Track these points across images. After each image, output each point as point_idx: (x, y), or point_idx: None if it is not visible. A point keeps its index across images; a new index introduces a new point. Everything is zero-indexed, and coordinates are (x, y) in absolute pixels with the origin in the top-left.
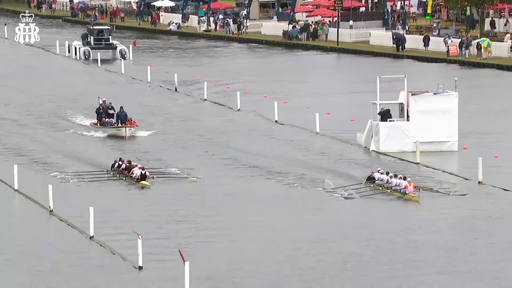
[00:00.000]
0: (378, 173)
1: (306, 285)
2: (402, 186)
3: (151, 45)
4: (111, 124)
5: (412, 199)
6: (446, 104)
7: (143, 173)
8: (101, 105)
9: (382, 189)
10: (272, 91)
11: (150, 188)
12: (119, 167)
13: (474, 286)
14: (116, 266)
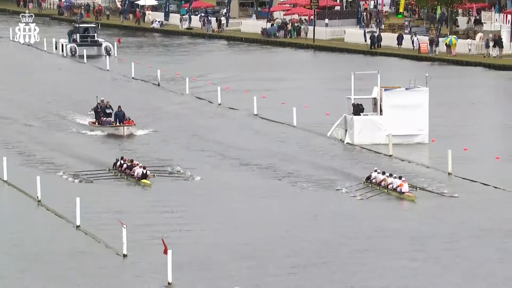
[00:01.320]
0: (375, 173)
1: (283, 270)
2: (397, 184)
3: (135, 42)
4: (110, 123)
5: (409, 198)
6: (417, 99)
7: (144, 172)
8: (99, 104)
9: (380, 189)
10: (252, 86)
11: (151, 187)
12: (121, 166)
13: (445, 273)
14: (101, 254)
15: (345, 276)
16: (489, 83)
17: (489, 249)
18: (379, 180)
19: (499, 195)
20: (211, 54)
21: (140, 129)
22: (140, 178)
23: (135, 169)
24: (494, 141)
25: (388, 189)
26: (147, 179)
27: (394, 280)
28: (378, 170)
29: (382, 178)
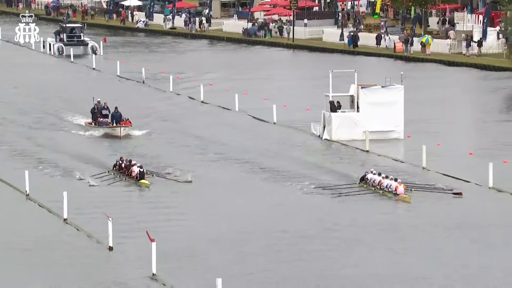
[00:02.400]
0: (370, 174)
1: (264, 261)
2: (393, 187)
3: (120, 41)
4: (106, 124)
5: (404, 200)
6: (393, 96)
7: (142, 171)
8: (96, 105)
9: (374, 190)
10: (233, 84)
11: (149, 187)
12: (119, 166)
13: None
14: (87, 246)
15: (323, 266)
16: (463, 81)
17: (463, 240)
18: (374, 181)
19: (473, 189)
20: (194, 53)
21: (137, 130)
22: (138, 177)
23: (133, 168)
24: (468, 137)
25: (383, 191)
26: (145, 179)
27: (369, 268)
28: (374, 171)
29: (378, 179)
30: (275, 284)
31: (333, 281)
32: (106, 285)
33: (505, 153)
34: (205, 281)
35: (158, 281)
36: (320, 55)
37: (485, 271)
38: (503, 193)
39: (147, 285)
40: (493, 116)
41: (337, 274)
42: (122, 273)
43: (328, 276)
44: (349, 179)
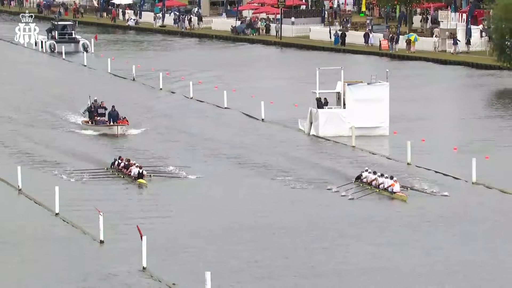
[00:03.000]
0: (366, 172)
1: (252, 255)
2: (389, 184)
3: (111, 39)
4: (104, 122)
5: (400, 198)
6: (378, 93)
7: (141, 172)
8: (93, 104)
9: (371, 189)
10: (222, 81)
11: (147, 186)
12: (118, 165)
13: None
14: (79, 240)
15: (311, 259)
16: (447, 78)
17: (446, 234)
18: (370, 180)
19: (456, 184)
20: (184, 51)
21: (133, 128)
22: (137, 177)
23: (132, 169)
24: (451, 133)
25: (379, 189)
26: (143, 179)
27: (354, 261)
28: (369, 170)
29: (373, 177)
30: (264, 277)
31: (321, 274)
32: (97, 278)
33: (488, 149)
34: (194, 275)
35: (148, 274)
36: (307, 53)
37: (468, 264)
38: (486, 188)
39: (137, 278)
40: (476, 113)
41: (324, 268)
42: (112, 267)
43: (317, 270)
44: (335, 173)
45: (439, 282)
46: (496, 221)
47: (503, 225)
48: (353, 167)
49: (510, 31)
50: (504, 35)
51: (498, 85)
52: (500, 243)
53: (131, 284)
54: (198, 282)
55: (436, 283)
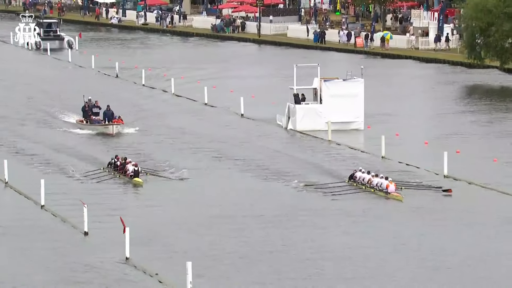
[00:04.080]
0: (359, 172)
1: (233, 245)
2: (384, 185)
3: (95, 36)
4: (99, 122)
5: (396, 198)
6: (353, 89)
7: (136, 170)
8: (87, 103)
9: (365, 188)
10: (203, 77)
11: (142, 186)
12: (115, 164)
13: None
14: (64, 232)
15: (285, 248)
16: (420, 74)
17: (418, 224)
18: (363, 180)
19: (429, 177)
20: (166, 48)
21: (128, 128)
22: (133, 176)
23: (127, 167)
24: (424, 128)
25: (374, 189)
26: (139, 177)
27: (331, 249)
28: (362, 170)
29: (368, 178)
30: (244, 267)
31: (301, 261)
32: (81, 269)
33: (459, 143)
34: (176, 265)
35: (131, 264)
36: (284, 50)
37: (444, 254)
38: (457, 181)
39: (121, 268)
40: (448, 108)
41: (303, 255)
42: (96, 257)
43: (296, 257)
44: (313, 166)
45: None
46: (463, 211)
47: (471, 215)
48: (329, 161)
49: (480, 30)
50: (474, 33)
51: (468, 82)
52: (470, 232)
53: (114, 274)
54: (180, 272)
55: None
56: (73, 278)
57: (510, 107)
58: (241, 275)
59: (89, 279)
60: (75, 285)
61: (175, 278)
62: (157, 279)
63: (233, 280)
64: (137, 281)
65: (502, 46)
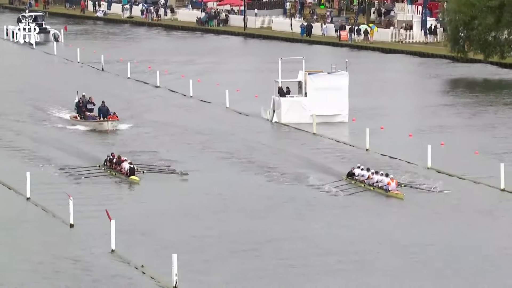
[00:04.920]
0: (358, 169)
1: (217, 236)
2: (385, 182)
3: (80, 29)
4: (93, 118)
5: (396, 196)
6: (338, 82)
7: (132, 168)
8: (81, 99)
9: (364, 186)
10: (188, 70)
11: (139, 183)
12: (110, 161)
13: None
14: (49, 224)
15: (271, 238)
16: (404, 67)
17: (401, 216)
18: (363, 178)
19: (412, 169)
20: (151, 41)
21: (124, 124)
22: (128, 174)
23: (123, 165)
24: (408, 120)
25: (374, 187)
26: (135, 175)
27: (310, 244)
28: (361, 167)
29: (367, 175)
30: (229, 259)
31: (286, 254)
32: (66, 261)
33: (442, 136)
34: (161, 257)
35: (117, 256)
36: (269, 43)
37: (423, 245)
38: (440, 173)
39: (107, 260)
40: (432, 101)
41: (285, 246)
42: (82, 249)
43: (279, 248)
44: (298, 158)
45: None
46: (443, 202)
47: (452, 207)
48: (313, 153)
49: (464, 23)
50: (457, 27)
51: (452, 75)
52: (449, 224)
53: (99, 266)
54: (165, 264)
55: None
56: (58, 270)
57: (493, 100)
58: (226, 267)
59: (75, 271)
60: (60, 276)
61: (160, 270)
62: (142, 271)
63: (218, 272)
64: (123, 273)
65: (485, 40)
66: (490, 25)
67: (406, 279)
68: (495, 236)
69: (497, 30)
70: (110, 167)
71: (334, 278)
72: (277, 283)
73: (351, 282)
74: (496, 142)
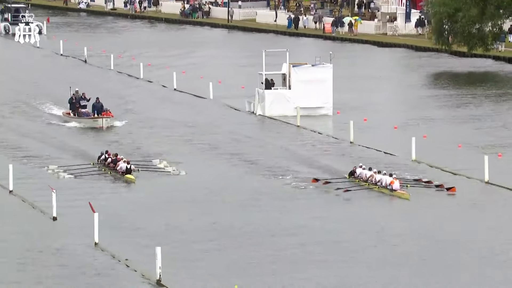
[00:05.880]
0: (360, 169)
1: (201, 229)
2: (388, 182)
3: (63, 21)
4: (88, 115)
5: (402, 196)
6: (322, 74)
7: (129, 167)
8: (74, 95)
9: (368, 185)
10: (172, 62)
11: (135, 182)
12: (105, 160)
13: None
14: (32, 217)
15: (255, 231)
16: (388, 59)
17: (386, 208)
18: (365, 177)
19: (397, 162)
20: (134, 33)
21: (119, 121)
22: (124, 173)
23: (119, 164)
24: (392, 112)
25: (378, 187)
26: (131, 174)
27: (294, 235)
28: (363, 166)
29: (370, 174)
30: (213, 251)
31: (270, 246)
32: (50, 254)
33: (427, 128)
34: (145, 250)
35: (100, 249)
36: (253, 35)
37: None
38: (422, 163)
39: (90, 253)
40: (416, 93)
41: (273, 241)
42: (65, 242)
43: (266, 242)
44: (282, 151)
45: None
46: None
47: (436, 199)
48: (297, 146)
49: (448, 16)
50: (442, 19)
51: (436, 67)
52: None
53: (83, 259)
54: (149, 257)
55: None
56: (41, 263)
57: (476, 92)
58: (210, 259)
59: (58, 263)
60: (44, 269)
61: (144, 263)
62: (126, 264)
63: (202, 264)
64: (106, 266)
65: (469, 32)
66: (474, 18)
67: (386, 269)
68: (479, 229)
69: (481, 22)
70: (106, 166)
71: (320, 270)
72: (261, 275)
73: (337, 273)
74: (480, 135)
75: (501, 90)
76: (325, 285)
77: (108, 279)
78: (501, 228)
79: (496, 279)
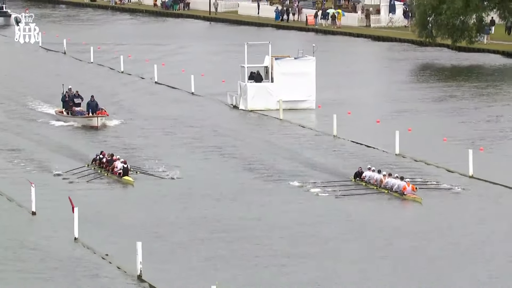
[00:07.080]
0: (369, 171)
1: (181, 222)
2: (400, 187)
3: (41, 13)
4: (82, 113)
5: (414, 200)
6: (305, 67)
7: (125, 167)
8: (67, 93)
9: (377, 189)
10: (152, 55)
11: (133, 185)
12: (100, 160)
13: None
14: (11, 212)
15: (238, 227)
16: (372, 52)
17: (371, 204)
18: (374, 180)
19: (381, 156)
20: (114, 25)
21: (114, 119)
22: (122, 174)
23: (116, 164)
24: (375, 106)
25: (388, 191)
26: (128, 175)
27: (277, 230)
28: (372, 168)
29: (379, 177)
30: (194, 246)
31: (252, 241)
32: (29, 249)
33: (410, 121)
34: (126, 245)
35: (80, 244)
36: (235, 27)
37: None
38: (406, 157)
39: (69, 248)
40: (399, 86)
41: (255, 235)
42: (45, 237)
43: (247, 237)
44: (264, 144)
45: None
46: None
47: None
48: (280, 139)
49: (432, 8)
50: (426, 11)
51: (419, 60)
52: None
53: (62, 254)
54: (130, 252)
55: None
56: (20, 257)
57: (460, 85)
58: (191, 254)
59: (37, 258)
60: (23, 264)
61: (125, 258)
62: (107, 260)
63: (183, 259)
64: (86, 261)
65: (453, 24)
66: (458, 10)
67: (370, 265)
68: (462, 223)
69: (465, 14)
70: (101, 167)
71: (304, 265)
72: (243, 270)
73: (318, 267)
74: (465, 128)
75: (485, 83)
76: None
77: (89, 274)
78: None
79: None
